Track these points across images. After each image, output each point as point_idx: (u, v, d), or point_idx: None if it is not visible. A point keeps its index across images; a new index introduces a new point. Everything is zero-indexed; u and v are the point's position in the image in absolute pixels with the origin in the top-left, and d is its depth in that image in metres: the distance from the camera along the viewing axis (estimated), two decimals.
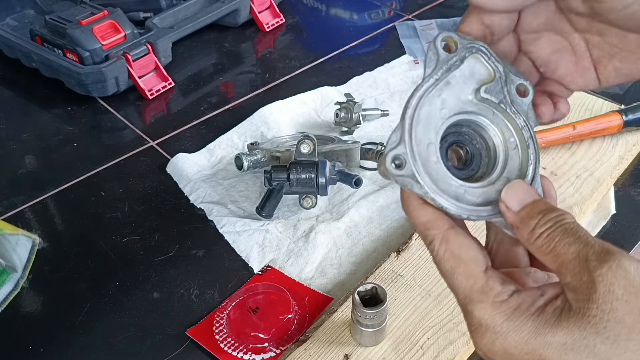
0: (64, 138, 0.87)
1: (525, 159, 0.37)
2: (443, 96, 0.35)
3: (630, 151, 0.77)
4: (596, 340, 0.28)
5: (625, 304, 0.27)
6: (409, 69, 0.98)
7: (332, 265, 0.67)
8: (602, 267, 0.28)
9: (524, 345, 0.29)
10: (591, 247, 0.29)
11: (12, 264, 0.60)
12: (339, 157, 0.76)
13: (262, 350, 0.58)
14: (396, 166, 0.33)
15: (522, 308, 0.30)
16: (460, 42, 0.36)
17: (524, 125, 0.37)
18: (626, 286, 0.27)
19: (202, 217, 0.73)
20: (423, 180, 0.34)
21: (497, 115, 0.37)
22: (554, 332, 0.29)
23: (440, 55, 0.35)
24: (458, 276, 0.32)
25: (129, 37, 0.94)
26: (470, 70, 0.36)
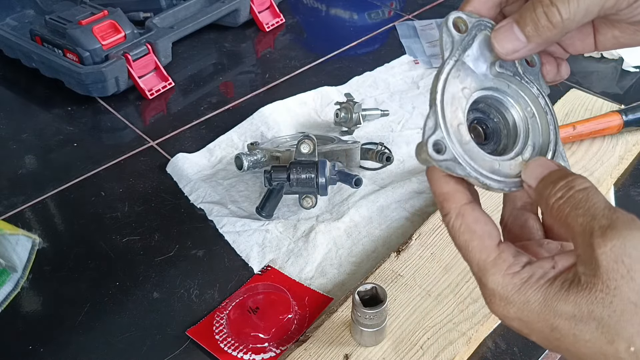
0: (64, 138, 0.87)
1: (545, 125, 0.38)
2: (462, 76, 0.36)
3: (630, 151, 0.77)
4: (603, 314, 0.29)
5: (630, 282, 0.28)
6: (409, 69, 0.98)
7: (332, 265, 0.67)
8: (606, 245, 0.28)
9: (535, 314, 0.31)
10: (598, 220, 0.29)
11: (12, 264, 0.60)
12: (339, 157, 0.76)
13: (262, 350, 0.58)
14: (437, 151, 0.34)
15: (533, 279, 0.31)
16: (469, 21, 0.36)
17: (539, 94, 0.38)
18: (630, 265, 0.28)
19: (202, 217, 0.73)
20: (464, 162, 0.34)
21: (512, 88, 0.38)
22: (563, 304, 0.30)
23: (454, 36, 0.36)
24: (472, 249, 0.33)
25: (129, 37, 0.94)
26: (482, 49, 0.37)
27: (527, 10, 0.34)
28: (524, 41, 0.34)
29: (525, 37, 0.34)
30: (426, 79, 0.95)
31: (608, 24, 0.37)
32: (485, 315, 0.57)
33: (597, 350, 0.30)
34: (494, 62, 0.37)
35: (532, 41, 0.34)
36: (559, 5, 0.32)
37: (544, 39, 0.34)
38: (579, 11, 0.32)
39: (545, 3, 0.33)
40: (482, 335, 0.58)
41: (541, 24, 0.33)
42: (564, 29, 0.33)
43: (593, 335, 0.29)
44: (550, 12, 0.33)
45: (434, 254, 0.63)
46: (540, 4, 0.33)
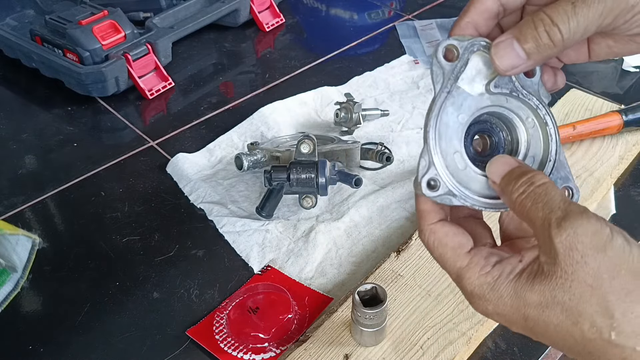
0: (64, 138, 0.87)
1: (545, 135, 0.38)
2: (457, 103, 0.37)
3: (630, 151, 0.77)
4: (564, 297, 0.32)
5: (584, 266, 0.31)
6: (409, 69, 0.98)
7: (332, 265, 0.67)
8: (561, 235, 0.31)
9: (509, 307, 0.34)
10: (554, 212, 0.32)
11: (12, 264, 0.60)
12: (339, 157, 0.76)
13: (262, 350, 0.58)
14: (431, 188, 0.36)
15: (503, 276, 0.34)
16: (460, 45, 0.37)
17: (538, 104, 0.38)
18: (583, 251, 0.31)
19: (202, 217, 0.73)
20: (459, 192, 0.37)
21: (511, 102, 0.38)
22: (530, 294, 0.33)
23: (444, 67, 0.37)
24: (447, 260, 0.37)
25: (129, 37, 0.94)
26: (476, 68, 0.37)
27: (527, 27, 0.34)
28: (524, 57, 0.35)
29: (525, 54, 0.35)
30: (426, 79, 0.95)
31: (602, 35, 0.37)
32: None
33: (565, 333, 0.32)
34: (490, 81, 0.37)
35: (532, 58, 0.35)
36: (560, 25, 0.33)
37: (544, 56, 0.35)
38: (578, 30, 0.34)
39: (547, 22, 0.34)
40: (482, 335, 0.58)
41: (542, 42, 0.34)
42: (564, 47, 0.34)
43: (559, 319, 0.32)
44: (551, 31, 0.34)
45: None
46: (541, 23, 0.34)
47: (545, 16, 0.34)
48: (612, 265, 0.31)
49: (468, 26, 0.38)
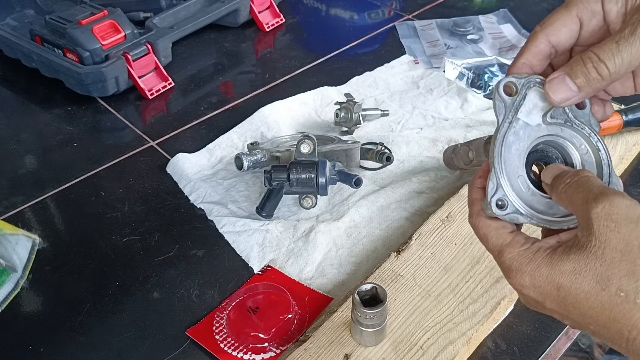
0: (64, 138, 0.87)
1: (599, 160, 0.43)
2: (517, 132, 0.42)
3: (630, 151, 0.77)
4: (596, 264, 0.35)
5: (617, 234, 0.35)
6: (409, 69, 0.98)
7: (332, 265, 0.67)
8: (597, 207, 0.35)
9: (544, 277, 0.37)
10: (593, 192, 0.37)
11: (12, 264, 0.60)
12: (339, 157, 0.76)
13: (262, 350, 0.58)
14: (500, 207, 0.41)
15: (541, 250, 0.39)
16: (518, 82, 0.42)
17: (590, 133, 0.43)
18: (617, 220, 0.35)
19: (202, 217, 0.73)
20: (525, 211, 0.42)
21: (566, 131, 0.43)
22: (565, 263, 0.37)
23: (505, 101, 0.42)
24: (490, 238, 0.42)
25: (129, 37, 0.94)
26: (534, 102, 0.42)
27: (577, 64, 0.39)
28: (576, 91, 0.40)
29: (577, 87, 0.40)
30: (426, 79, 0.95)
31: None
32: (485, 315, 0.57)
33: (595, 300, 0.35)
34: (546, 112, 0.42)
35: (582, 91, 0.40)
36: (606, 62, 0.38)
37: (593, 89, 0.40)
38: (623, 65, 0.38)
39: (595, 59, 0.39)
40: (482, 335, 0.58)
41: (592, 76, 0.39)
42: (611, 80, 0.39)
43: (590, 286, 0.35)
44: (599, 67, 0.39)
45: (434, 254, 0.63)
46: (589, 60, 0.39)
47: (593, 54, 0.39)
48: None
49: (524, 66, 0.43)
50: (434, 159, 0.80)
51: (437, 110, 0.88)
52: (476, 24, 1.08)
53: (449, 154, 0.73)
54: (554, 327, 0.59)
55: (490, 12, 1.12)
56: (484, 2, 1.18)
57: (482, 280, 0.60)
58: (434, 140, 0.82)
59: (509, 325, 0.60)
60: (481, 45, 1.03)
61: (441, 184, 0.76)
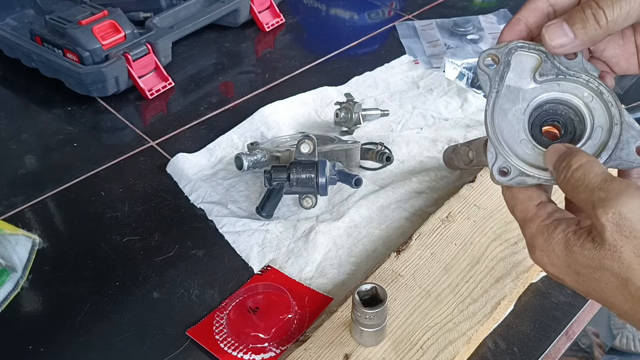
0: (64, 138, 0.87)
1: (605, 103, 0.42)
2: (511, 98, 0.42)
3: None
4: (614, 266, 0.35)
5: (633, 240, 0.35)
6: (409, 69, 0.98)
7: (332, 265, 0.67)
8: (607, 214, 0.35)
9: (561, 260, 0.38)
10: (596, 194, 0.36)
11: (12, 264, 0.60)
12: (339, 157, 0.76)
13: (262, 350, 0.58)
14: (503, 174, 0.41)
15: (558, 229, 0.38)
16: (498, 52, 0.42)
17: (588, 79, 0.42)
18: (631, 226, 0.34)
19: (202, 217, 0.73)
20: (531, 172, 0.41)
21: (563, 85, 0.43)
22: (580, 253, 0.37)
23: (488, 73, 0.42)
24: (516, 211, 0.42)
25: (129, 37, 0.94)
26: (520, 66, 0.42)
27: (576, 11, 0.40)
28: (572, 37, 0.40)
29: (573, 34, 0.40)
30: (426, 78, 0.95)
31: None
32: (485, 315, 0.57)
33: (615, 291, 0.36)
34: (535, 73, 0.42)
35: (578, 38, 0.40)
36: (605, 9, 0.38)
37: (589, 37, 0.40)
38: (621, 15, 0.38)
39: (594, 7, 0.39)
40: (482, 335, 0.58)
41: (589, 24, 0.39)
42: (608, 30, 0.39)
43: (610, 280, 0.36)
44: (597, 14, 0.39)
45: (434, 254, 0.63)
46: (588, 7, 0.39)
47: (593, 2, 0.39)
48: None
49: (519, 22, 0.43)
50: (434, 159, 0.80)
51: (437, 110, 0.88)
52: (476, 24, 1.08)
53: (449, 154, 0.73)
54: (553, 327, 0.59)
55: (490, 12, 1.12)
56: (484, 2, 1.18)
57: (482, 280, 0.60)
58: (434, 140, 0.82)
59: (509, 325, 0.60)
60: (481, 45, 1.03)
61: (441, 184, 0.76)
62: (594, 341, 1.26)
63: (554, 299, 0.62)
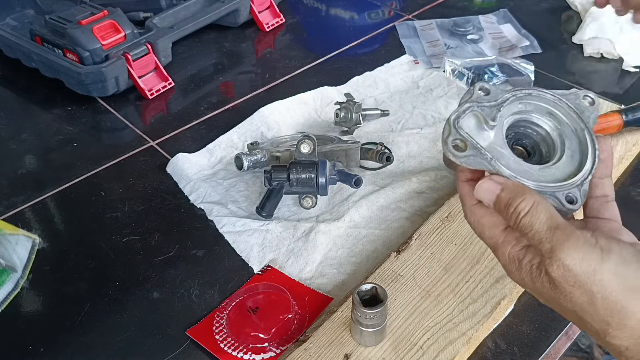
0: (64, 138, 0.87)
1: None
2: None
3: (630, 151, 0.77)
4: (568, 305, 0.38)
5: (578, 289, 0.37)
6: (409, 69, 0.98)
7: (332, 265, 0.67)
8: (552, 266, 0.37)
9: (530, 287, 0.41)
10: (543, 244, 0.38)
11: (12, 264, 0.60)
12: (339, 157, 0.76)
13: (262, 350, 0.58)
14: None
15: (525, 262, 0.40)
16: (453, 138, 0.43)
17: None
18: (574, 278, 0.37)
19: (202, 217, 0.73)
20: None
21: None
22: (543, 287, 0.39)
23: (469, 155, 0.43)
24: (484, 237, 0.43)
25: (129, 37, 0.94)
26: (474, 130, 0.43)
27: None
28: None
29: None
30: (426, 78, 0.95)
31: None
32: (485, 315, 0.57)
33: (576, 320, 0.40)
34: (484, 125, 0.43)
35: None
36: None
37: None
38: None
39: None
40: (482, 335, 0.58)
41: None
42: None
43: (570, 314, 0.39)
44: None
45: (434, 254, 0.63)
46: None
47: None
48: (603, 287, 0.36)
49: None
50: (434, 159, 0.80)
51: (437, 110, 0.88)
52: (476, 24, 1.08)
53: None
54: (553, 327, 0.59)
55: (490, 12, 1.12)
56: (484, 2, 1.18)
57: (482, 280, 0.60)
58: (434, 140, 0.82)
59: (509, 325, 0.60)
60: (481, 45, 1.03)
61: (441, 184, 0.76)
62: (594, 341, 1.25)
63: None
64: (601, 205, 0.44)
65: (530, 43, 1.02)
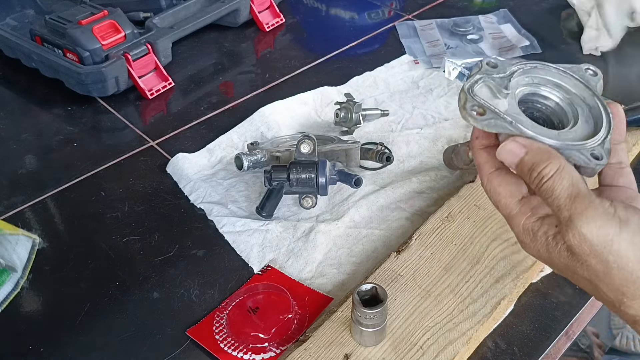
0: (64, 138, 0.87)
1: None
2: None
3: (630, 151, 0.77)
4: (584, 272, 0.39)
5: (594, 257, 0.38)
6: (409, 69, 0.98)
7: (332, 265, 0.67)
8: (570, 233, 0.38)
9: (545, 258, 0.41)
10: (562, 211, 0.38)
11: (12, 264, 0.60)
12: (339, 157, 0.76)
13: (262, 350, 0.58)
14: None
15: (540, 233, 0.41)
16: (470, 105, 0.43)
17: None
18: (590, 247, 0.37)
19: (202, 217, 0.73)
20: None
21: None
22: (559, 258, 0.40)
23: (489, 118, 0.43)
24: (500, 206, 0.43)
25: (129, 37, 0.94)
26: (488, 97, 0.43)
27: None
28: None
29: None
30: (426, 78, 0.95)
31: None
32: (485, 315, 0.57)
33: (590, 289, 0.41)
34: (497, 93, 0.43)
35: None
36: None
37: None
38: None
39: None
40: (482, 335, 0.58)
41: None
42: None
43: (585, 282, 0.40)
44: None
45: (434, 254, 0.63)
46: None
47: None
48: (619, 257, 0.37)
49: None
50: (434, 159, 0.80)
51: (437, 110, 0.88)
52: (476, 24, 1.08)
53: (449, 154, 0.73)
54: (553, 327, 0.59)
55: (490, 12, 1.12)
56: (484, 2, 1.18)
57: (482, 280, 0.60)
58: (434, 140, 0.82)
59: (509, 325, 0.60)
60: (481, 45, 1.03)
61: (441, 184, 0.76)
62: (594, 341, 1.25)
63: (554, 299, 0.62)
64: (615, 172, 0.43)
65: (530, 43, 1.02)
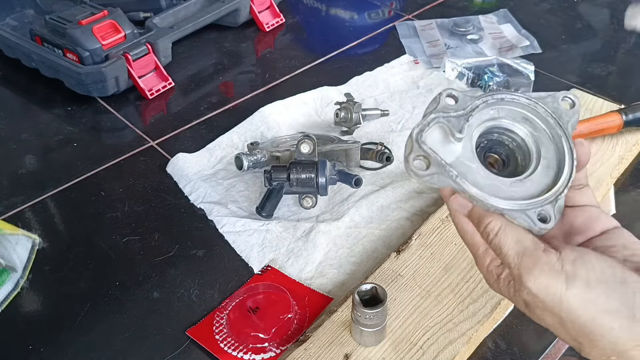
0: (64, 138, 0.87)
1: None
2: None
3: (630, 151, 0.77)
4: (542, 323, 0.39)
5: (547, 312, 0.38)
6: (409, 69, 0.98)
7: (332, 265, 0.67)
8: (522, 291, 0.38)
9: (503, 294, 0.41)
10: (512, 269, 0.38)
11: (12, 264, 0.60)
12: (339, 157, 0.76)
13: (262, 350, 0.58)
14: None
15: (502, 277, 0.41)
16: (414, 155, 0.40)
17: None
18: (543, 301, 0.37)
19: (202, 217, 0.73)
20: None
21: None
22: (519, 304, 0.40)
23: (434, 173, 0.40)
24: (466, 241, 0.43)
25: (129, 37, 0.94)
26: (437, 143, 0.40)
27: None
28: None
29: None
30: (426, 78, 0.95)
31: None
32: (485, 315, 0.57)
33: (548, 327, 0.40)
34: (450, 137, 0.40)
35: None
36: None
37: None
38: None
39: None
40: (482, 335, 0.58)
41: None
42: None
43: (542, 323, 0.39)
44: None
45: (434, 254, 0.63)
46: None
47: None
48: (570, 313, 0.36)
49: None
50: None
51: None
52: (476, 24, 1.08)
53: None
54: None
55: (490, 12, 1.12)
56: (484, 2, 1.18)
57: (482, 280, 0.60)
58: None
59: (509, 325, 0.60)
60: (481, 45, 1.03)
61: None
62: None
63: None
64: (576, 194, 0.42)
65: (530, 43, 1.02)
